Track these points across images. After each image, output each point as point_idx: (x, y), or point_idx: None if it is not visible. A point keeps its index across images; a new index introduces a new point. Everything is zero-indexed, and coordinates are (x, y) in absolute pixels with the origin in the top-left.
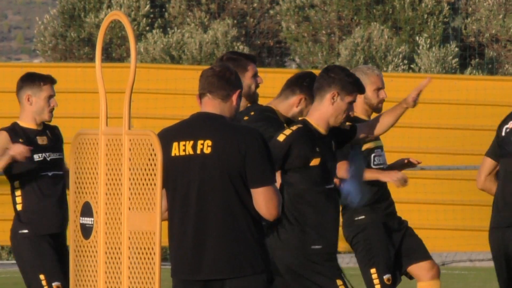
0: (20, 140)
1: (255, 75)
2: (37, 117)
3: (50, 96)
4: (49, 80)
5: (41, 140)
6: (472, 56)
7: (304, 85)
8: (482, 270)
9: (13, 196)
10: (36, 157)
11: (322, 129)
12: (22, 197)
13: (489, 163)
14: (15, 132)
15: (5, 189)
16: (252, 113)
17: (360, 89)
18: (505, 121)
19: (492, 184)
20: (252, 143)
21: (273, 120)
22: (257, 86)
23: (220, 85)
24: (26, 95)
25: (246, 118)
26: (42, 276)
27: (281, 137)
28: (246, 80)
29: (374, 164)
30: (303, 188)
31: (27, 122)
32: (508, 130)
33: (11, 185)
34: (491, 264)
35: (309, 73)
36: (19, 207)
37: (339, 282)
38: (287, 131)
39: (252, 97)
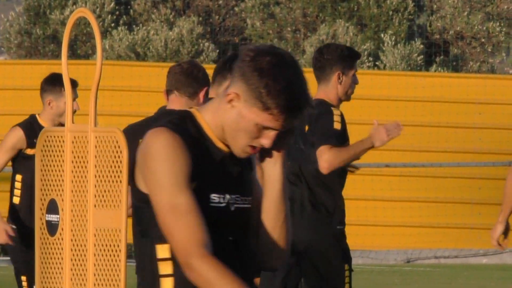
0: (35, 140)
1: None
2: (57, 119)
3: (74, 99)
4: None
5: None
6: (437, 54)
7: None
8: (447, 267)
9: (12, 189)
10: None
11: (338, 110)
12: (21, 191)
13: None
14: (32, 129)
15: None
16: None
17: (357, 56)
18: None
19: None
20: None
21: None
22: None
23: (188, 82)
24: (47, 100)
25: None
26: (23, 278)
27: (337, 125)
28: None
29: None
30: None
31: (46, 121)
32: None
33: (13, 177)
34: (456, 261)
35: (232, 54)
36: (16, 200)
37: (346, 267)
38: (338, 118)
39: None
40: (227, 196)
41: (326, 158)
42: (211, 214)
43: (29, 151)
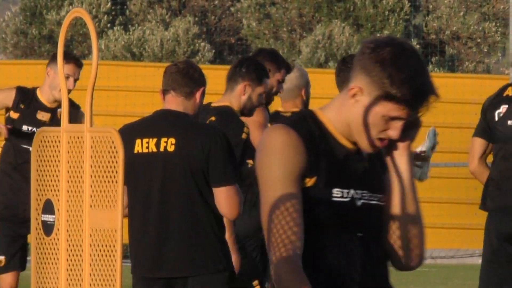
0: (21, 105)
1: (281, 82)
2: (50, 92)
3: (68, 76)
4: (72, 61)
5: (41, 116)
6: (433, 54)
7: (243, 71)
8: (443, 267)
9: None
10: (25, 128)
11: None
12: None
13: (480, 143)
14: (25, 94)
15: None
16: (213, 118)
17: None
18: (493, 106)
19: (484, 167)
20: (215, 142)
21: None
22: (277, 92)
23: (184, 82)
24: (48, 70)
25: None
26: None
27: None
28: (273, 81)
29: None
30: None
31: (42, 95)
32: (501, 114)
33: None
34: (453, 261)
35: (245, 58)
36: None
37: None
38: None
39: (269, 99)
40: (352, 191)
41: None
42: (334, 208)
43: (13, 114)
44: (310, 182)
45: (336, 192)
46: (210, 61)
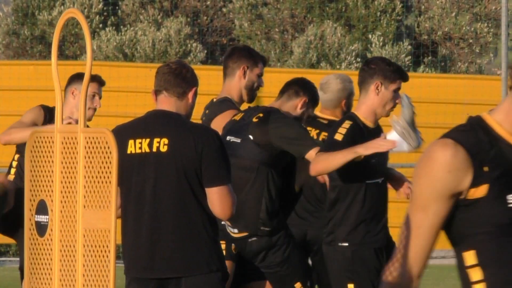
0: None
1: (260, 75)
2: (76, 112)
3: (94, 94)
4: (96, 80)
5: None
6: (425, 54)
7: (307, 88)
8: (435, 268)
9: (10, 168)
10: None
11: (370, 123)
12: (15, 171)
13: None
14: (51, 113)
15: None
16: (261, 114)
17: (403, 76)
18: None
19: None
20: (208, 142)
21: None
22: (258, 87)
23: (176, 82)
24: (71, 89)
25: (255, 120)
26: None
27: (338, 136)
28: (253, 75)
29: None
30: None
31: (65, 113)
32: None
33: (14, 157)
34: (444, 261)
35: (305, 78)
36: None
37: None
38: (342, 130)
39: (251, 95)
40: None
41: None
42: (508, 216)
43: None
44: (478, 193)
45: (510, 198)
46: (202, 61)
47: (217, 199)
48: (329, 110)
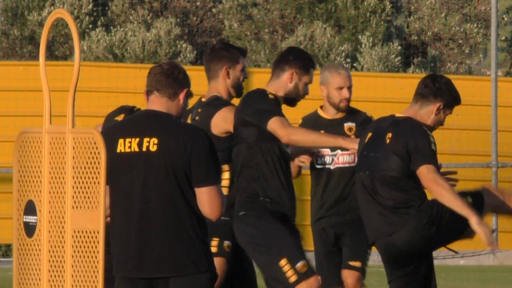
0: None
1: (243, 69)
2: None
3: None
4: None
5: None
6: (414, 55)
7: (290, 59)
8: None
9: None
10: None
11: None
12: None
13: None
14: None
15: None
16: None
17: (457, 102)
18: None
19: None
20: (198, 142)
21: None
22: (244, 79)
23: (168, 83)
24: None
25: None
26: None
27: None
28: (236, 72)
29: (317, 164)
30: None
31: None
32: None
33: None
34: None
35: (290, 48)
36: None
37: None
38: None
39: (239, 91)
40: None
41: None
42: None
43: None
44: None
45: None
46: (191, 62)
47: (206, 199)
48: None
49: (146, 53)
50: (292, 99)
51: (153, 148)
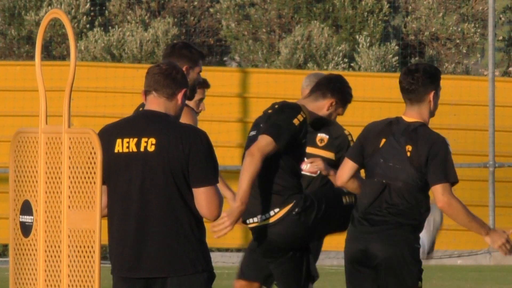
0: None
1: (200, 72)
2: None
3: (200, 100)
4: (204, 85)
5: None
6: (412, 55)
7: (336, 89)
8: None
9: None
10: None
11: None
12: None
13: None
14: None
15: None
16: (276, 106)
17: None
18: None
19: None
20: (196, 143)
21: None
22: (198, 83)
23: (166, 83)
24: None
25: (270, 111)
26: None
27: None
28: (194, 75)
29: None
30: None
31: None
32: None
33: None
34: (431, 262)
35: (338, 76)
36: None
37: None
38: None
39: (193, 93)
40: None
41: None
42: None
43: None
44: None
45: None
46: None
47: (204, 200)
48: None
49: (143, 53)
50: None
51: (151, 148)
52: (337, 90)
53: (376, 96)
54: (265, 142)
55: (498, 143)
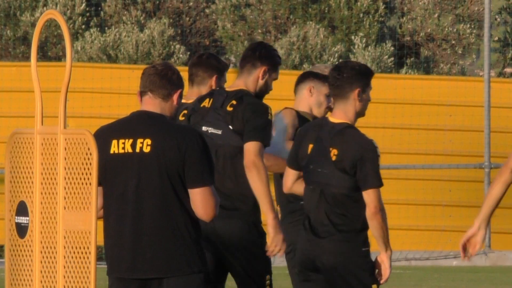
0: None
1: (225, 82)
2: (314, 109)
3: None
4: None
5: None
6: (407, 55)
7: (263, 55)
8: (418, 269)
9: None
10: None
11: None
12: None
13: None
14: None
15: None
16: (234, 102)
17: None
18: None
19: None
20: (192, 143)
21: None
22: None
23: (162, 84)
24: (308, 87)
25: (230, 109)
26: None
27: None
28: (222, 84)
29: None
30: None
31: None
32: None
33: None
34: (427, 263)
35: (259, 43)
36: None
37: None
38: None
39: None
40: None
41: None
42: None
43: None
44: None
45: None
46: (184, 63)
47: (200, 200)
48: None
49: (139, 54)
50: (261, 96)
51: (147, 149)
52: (264, 56)
53: (372, 97)
54: (258, 147)
55: (494, 144)
